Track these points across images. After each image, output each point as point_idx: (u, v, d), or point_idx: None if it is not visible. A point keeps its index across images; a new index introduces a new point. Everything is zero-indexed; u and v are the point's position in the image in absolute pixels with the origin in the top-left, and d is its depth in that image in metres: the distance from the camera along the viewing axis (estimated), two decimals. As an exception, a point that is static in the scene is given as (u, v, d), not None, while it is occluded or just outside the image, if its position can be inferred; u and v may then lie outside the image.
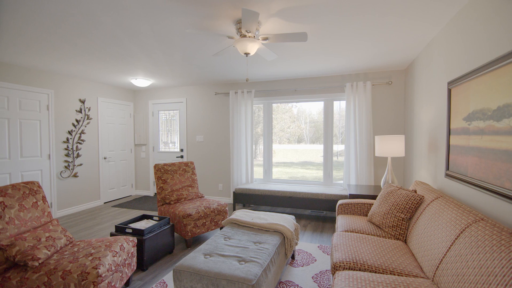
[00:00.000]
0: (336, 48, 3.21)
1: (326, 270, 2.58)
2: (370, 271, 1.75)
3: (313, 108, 5.20)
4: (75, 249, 2.06)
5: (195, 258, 1.88)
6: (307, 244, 3.21)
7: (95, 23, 2.47)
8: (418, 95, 3.36)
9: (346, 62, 3.80)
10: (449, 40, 2.37)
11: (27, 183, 2.20)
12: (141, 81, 4.81)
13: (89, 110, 4.94)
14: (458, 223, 1.57)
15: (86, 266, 1.80)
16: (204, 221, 3.24)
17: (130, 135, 5.96)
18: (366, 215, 2.92)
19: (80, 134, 4.77)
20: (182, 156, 5.64)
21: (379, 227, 2.46)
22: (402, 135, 3.22)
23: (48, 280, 1.75)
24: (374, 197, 3.36)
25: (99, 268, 1.79)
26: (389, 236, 2.31)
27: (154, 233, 2.70)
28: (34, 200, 2.15)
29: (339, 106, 4.69)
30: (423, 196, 2.25)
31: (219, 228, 3.73)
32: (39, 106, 4.14)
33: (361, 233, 2.40)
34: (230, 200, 5.25)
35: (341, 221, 2.72)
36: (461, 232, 1.49)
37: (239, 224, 2.60)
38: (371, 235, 2.37)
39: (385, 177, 3.34)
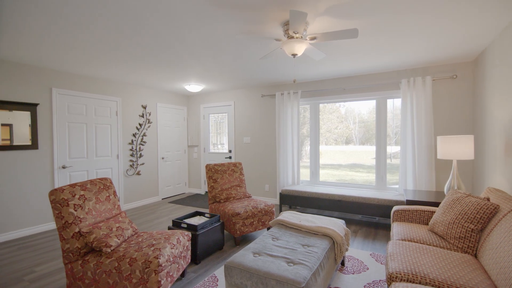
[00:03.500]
0: (390, 43, 3.00)
1: (380, 280, 2.42)
2: (432, 286, 1.59)
3: (363, 107, 4.91)
4: (139, 240, 2.30)
5: (244, 256, 1.94)
6: (358, 251, 3.05)
7: (154, 35, 2.74)
8: (492, 90, 2.95)
9: (401, 57, 3.52)
10: (533, 24, 2.03)
11: (101, 179, 2.53)
12: (193, 87, 5.15)
13: (149, 114, 5.47)
14: (546, 239, 1.33)
15: (149, 255, 1.99)
16: (252, 220, 3.32)
17: (184, 137, 6.42)
18: (426, 224, 2.66)
19: (142, 136, 5.31)
20: (230, 157, 5.86)
21: (443, 238, 2.23)
22: (471, 135, 2.85)
23: (118, 265, 1.99)
24: (435, 204, 3.04)
25: (160, 258, 1.97)
26: (455, 248, 2.07)
27: (206, 229, 2.86)
28: (107, 195, 2.47)
29: (393, 104, 4.36)
30: (498, 205, 1.97)
31: (266, 229, 3.78)
32: (109, 112, 4.73)
33: (420, 243, 2.20)
34: (276, 201, 5.28)
35: (397, 228, 2.53)
36: (551, 249, 1.27)
37: (286, 226, 2.60)
38: (433, 246, 2.15)
39: (449, 182, 3.00)
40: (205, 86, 5.33)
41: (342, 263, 2.68)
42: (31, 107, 3.71)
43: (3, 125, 3.47)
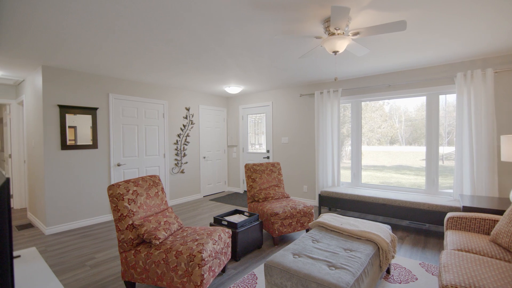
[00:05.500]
0: (443, 33, 2.75)
1: (431, 292, 2.24)
2: (496, 303, 1.42)
3: (410, 105, 4.56)
4: (184, 234, 2.43)
5: (284, 256, 1.95)
6: (406, 260, 2.85)
7: (195, 39, 2.87)
8: None
9: (456, 48, 3.20)
10: None
11: (151, 176, 2.74)
12: (233, 88, 5.29)
13: (192, 116, 5.77)
14: None
15: (193, 249, 2.10)
16: (290, 221, 3.30)
17: (224, 138, 6.63)
18: (487, 234, 2.38)
19: (186, 137, 5.62)
20: (268, 157, 5.89)
21: (508, 251, 1.97)
22: (546, 134, 2.48)
23: (166, 257, 2.13)
24: (499, 212, 2.70)
25: (203, 253, 2.07)
26: (525, 263, 1.82)
27: (245, 228, 2.92)
28: (156, 191, 2.66)
29: (445, 100, 3.98)
30: None
31: (304, 230, 3.73)
32: (157, 114, 5.10)
33: (480, 255, 1.98)
34: (315, 202, 5.17)
35: (452, 237, 2.31)
36: None
37: (326, 228, 2.54)
38: (496, 258, 1.92)
39: (517, 188, 2.64)
40: (244, 87, 5.43)
41: (388, 271, 2.53)
42: (92, 111, 4.16)
43: (69, 127, 3.95)
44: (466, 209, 2.86)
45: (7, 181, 1.02)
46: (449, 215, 2.61)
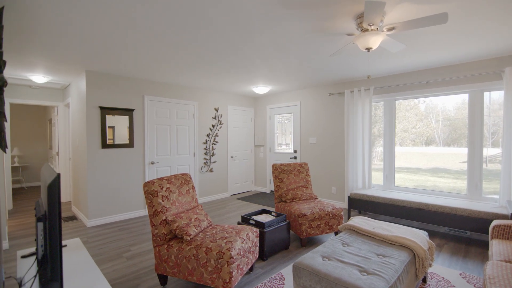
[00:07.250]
0: (489, 24, 2.53)
1: (474, 305, 2.07)
2: (554, 323, 1.28)
3: (448, 103, 4.24)
4: (213, 231, 2.49)
5: (313, 259, 1.92)
6: (444, 269, 2.66)
7: (225, 40, 2.92)
8: None
9: (504, 40, 2.92)
10: None
11: (182, 174, 2.84)
12: (261, 89, 5.31)
13: (221, 116, 5.89)
14: None
15: (222, 247, 2.15)
16: (319, 223, 3.24)
17: (251, 137, 6.69)
18: (543, 245, 2.15)
19: (215, 136, 5.76)
20: (295, 157, 5.84)
21: None
22: None
23: (196, 253, 2.20)
24: (557, 222, 2.42)
25: (232, 251, 2.11)
26: None
27: (273, 228, 2.92)
28: (187, 188, 2.76)
29: (489, 98, 3.65)
30: None
31: (333, 233, 3.64)
32: (188, 115, 5.28)
33: (534, 268, 1.79)
34: (344, 204, 5.02)
35: (499, 247, 2.12)
36: None
37: (357, 232, 2.46)
38: (554, 273, 1.72)
39: None
40: (272, 87, 5.43)
41: (424, 280, 2.38)
42: (128, 112, 4.42)
43: (109, 127, 4.23)
44: (515, 217, 2.61)
45: (58, 176, 1.12)
46: (495, 222, 2.40)
